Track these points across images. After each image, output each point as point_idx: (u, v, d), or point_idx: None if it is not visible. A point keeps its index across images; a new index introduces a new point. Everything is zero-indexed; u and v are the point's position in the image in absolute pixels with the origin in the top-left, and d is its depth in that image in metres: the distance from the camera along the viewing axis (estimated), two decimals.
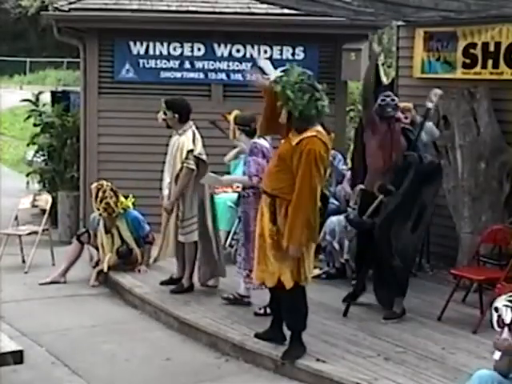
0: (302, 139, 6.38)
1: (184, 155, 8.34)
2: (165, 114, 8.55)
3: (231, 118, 8.17)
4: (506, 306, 4.98)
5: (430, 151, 9.17)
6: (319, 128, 6.52)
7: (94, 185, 9.69)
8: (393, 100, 7.67)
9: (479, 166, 8.81)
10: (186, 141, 8.39)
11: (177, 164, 8.42)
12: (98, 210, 9.49)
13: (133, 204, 9.77)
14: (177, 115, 8.46)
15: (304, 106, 6.39)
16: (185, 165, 8.34)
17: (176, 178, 8.42)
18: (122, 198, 9.63)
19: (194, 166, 8.35)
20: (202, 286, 8.73)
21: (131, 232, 9.67)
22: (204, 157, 8.46)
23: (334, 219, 8.90)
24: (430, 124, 8.79)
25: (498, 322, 5.00)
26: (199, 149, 8.44)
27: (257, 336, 7.16)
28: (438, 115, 9.14)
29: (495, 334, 5.03)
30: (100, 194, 9.47)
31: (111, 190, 9.52)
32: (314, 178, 6.31)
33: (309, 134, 6.40)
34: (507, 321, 4.98)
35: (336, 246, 8.88)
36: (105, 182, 9.64)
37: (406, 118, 8.98)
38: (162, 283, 8.94)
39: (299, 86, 6.42)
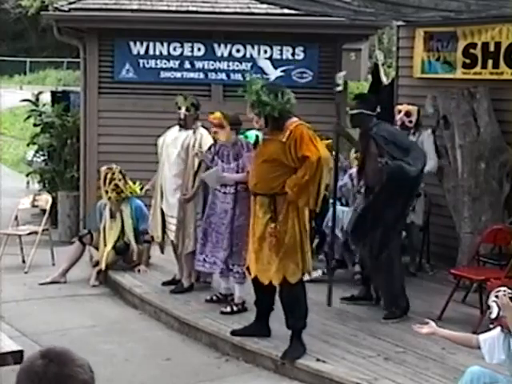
0: (290, 133, 6.59)
1: (206, 148, 8.36)
2: (188, 110, 8.54)
3: (220, 117, 8.11)
4: (493, 301, 5.04)
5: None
6: (296, 118, 6.75)
7: (104, 168, 9.82)
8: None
9: (479, 166, 8.81)
10: (206, 137, 8.41)
11: (194, 158, 8.39)
12: (107, 192, 9.62)
13: (140, 190, 9.79)
14: (198, 112, 8.52)
15: (281, 104, 6.66)
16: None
17: (195, 173, 8.43)
18: (130, 183, 9.73)
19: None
20: (201, 283, 8.72)
21: (132, 219, 9.72)
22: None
23: (337, 208, 8.88)
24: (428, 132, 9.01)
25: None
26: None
27: (235, 333, 7.23)
28: (437, 115, 9.15)
29: None
30: (109, 176, 9.62)
31: (120, 172, 9.68)
32: (320, 148, 6.57)
33: (293, 125, 6.64)
34: (493, 316, 5.04)
35: (339, 234, 8.86)
36: (114, 165, 9.79)
37: (411, 121, 9.06)
38: (164, 284, 8.94)
39: (267, 89, 6.72)
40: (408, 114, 9.11)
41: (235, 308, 7.90)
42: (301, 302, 6.77)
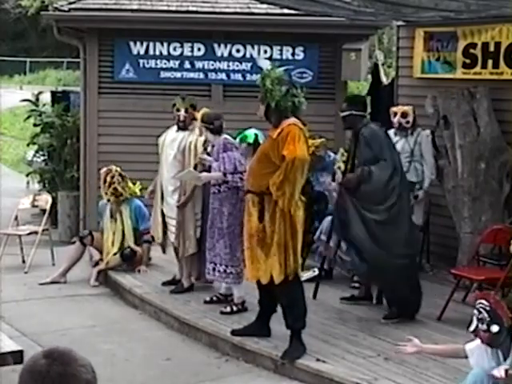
0: (280, 131, 6.58)
1: (201, 149, 8.37)
2: (187, 111, 8.53)
3: (198, 116, 8.19)
4: (474, 313, 5.08)
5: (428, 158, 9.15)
6: (295, 119, 6.70)
7: (104, 169, 9.85)
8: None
9: (479, 166, 8.81)
10: (200, 138, 8.42)
11: (190, 160, 8.39)
12: (106, 194, 9.63)
13: (140, 190, 9.80)
14: (195, 112, 8.55)
15: (281, 97, 6.63)
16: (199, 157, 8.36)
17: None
18: (130, 184, 9.73)
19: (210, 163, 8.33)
20: (206, 283, 8.72)
21: (131, 220, 9.72)
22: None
23: (329, 219, 8.84)
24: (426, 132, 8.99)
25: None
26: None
27: (235, 333, 7.24)
28: (438, 115, 9.15)
29: None
30: (108, 179, 9.62)
31: (119, 175, 9.67)
32: (298, 149, 6.48)
33: (286, 124, 6.61)
34: (471, 329, 5.06)
35: (332, 244, 8.82)
36: (114, 167, 9.80)
37: (408, 122, 9.06)
38: (164, 284, 8.94)
39: (278, 79, 6.69)
40: (404, 114, 9.11)
41: (235, 308, 7.90)
42: (298, 302, 6.76)
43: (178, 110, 8.54)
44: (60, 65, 41.08)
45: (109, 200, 9.70)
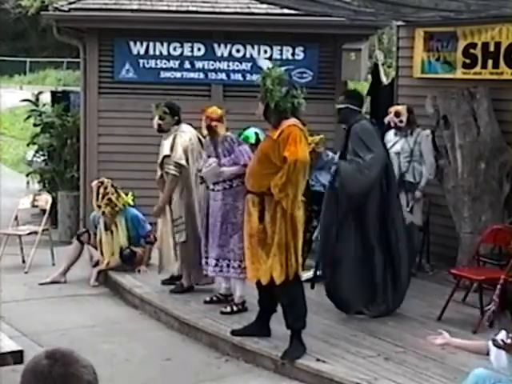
0: (281, 131, 6.58)
1: (159, 160, 8.42)
2: (161, 119, 8.52)
3: (218, 113, 8.08)
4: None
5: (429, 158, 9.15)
6: (295, 119, 6.70)
7: (95, 182, 9.77)
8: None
9: (479, 166, 8.81)
10: (166, 146, 8.43)
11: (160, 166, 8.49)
12: (99, 207, 9.54)
13: (133, 200, 9.79)
14: (176, 117, 8.50)
15: (280, 98, 6.64)
16: (165, 171, 8.38)
17: (162, 184, 8.47)
18: (122, 194, 9.69)
19: (174, 172, 8.34)
20: (206, 284, 8.73)
21: (128, 230, 9.69)
22: (183, 161, 8.37)
23: None
24: (426, 131, 8.96)
25: None
26: (179, 153, 8.36)
27: (235, 333, 7.24)
28: (438, 115, 9.16)
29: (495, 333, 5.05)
30: (101, 191, 9.55)
31: (112, 186, 9.61)
32: (300, 150, 6.49)
33: (286, 124, 6.60)
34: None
35: None
36: (105, 179, 9.73)
37: (401, 121, 9.06)
38: (164, 283, 8.94)
39: (278, 80, 6.70)
40: (397, 114, 9.11)
41: (235, 308, 7.89)
42: (298, 302, 6.76)
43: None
44: (60, 65, 41.08)
45: (103, 213, 9.58)
